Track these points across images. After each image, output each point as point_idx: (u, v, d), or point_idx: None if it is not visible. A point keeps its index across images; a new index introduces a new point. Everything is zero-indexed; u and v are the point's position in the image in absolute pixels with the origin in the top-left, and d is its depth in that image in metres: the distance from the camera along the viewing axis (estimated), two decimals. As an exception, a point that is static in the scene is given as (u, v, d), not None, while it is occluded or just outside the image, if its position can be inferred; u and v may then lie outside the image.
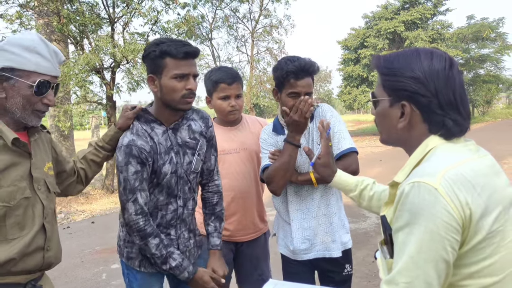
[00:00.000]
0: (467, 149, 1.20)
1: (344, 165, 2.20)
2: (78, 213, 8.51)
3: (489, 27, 26.96)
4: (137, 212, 1.91)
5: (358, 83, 26.84)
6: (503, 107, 36.12)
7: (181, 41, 1.91)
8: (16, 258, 1.60)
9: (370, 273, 4.40)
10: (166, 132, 1.99)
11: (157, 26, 10.71)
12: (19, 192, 1.63)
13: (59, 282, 4.70)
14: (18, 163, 1.64)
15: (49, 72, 1.65)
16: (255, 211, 2.67)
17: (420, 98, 1.19)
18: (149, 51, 1.89)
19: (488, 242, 1.09)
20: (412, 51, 1.26)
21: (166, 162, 1.97)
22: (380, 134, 1.38)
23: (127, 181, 1.90)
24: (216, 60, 21.45)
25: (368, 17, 27.86)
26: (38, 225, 1.69)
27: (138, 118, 2.01)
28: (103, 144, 2.07)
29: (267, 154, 2.32)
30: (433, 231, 1.05)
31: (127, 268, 2.12)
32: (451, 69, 1.20)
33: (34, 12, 9.96)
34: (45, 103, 1.67)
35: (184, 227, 2.13)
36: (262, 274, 2.69)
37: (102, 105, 10.79)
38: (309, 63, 2.19)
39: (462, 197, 1.06)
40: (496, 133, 17.42)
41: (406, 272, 1.08)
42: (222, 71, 2.55)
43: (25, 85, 1.59)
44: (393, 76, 1.24)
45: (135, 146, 1.89)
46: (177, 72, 1.86)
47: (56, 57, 1.68)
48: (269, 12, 20.86)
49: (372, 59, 1.34)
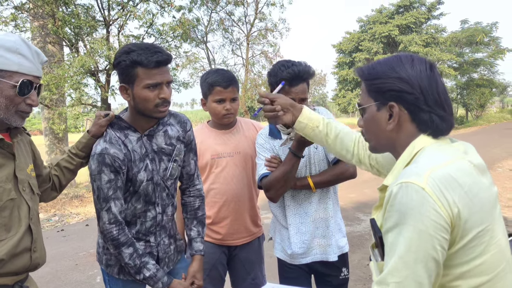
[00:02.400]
0: (454, 149, 1.22)
1: (342, 169, 2.21)
2: (72, 216, 8.48)
3: (483, 31, 27.14)
4: (111, 221, 1.88)
5: (353, 87, 26.97)
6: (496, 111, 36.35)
7: (152, 48, 1.84)
8: (5, 259, 1.61)
9: (365, 276, 4.42)
10: (141, 139, 1.95)
11: (152, 29, 10.73)
12: (5, 193, 1.63)
13: (53, 285, 4.69)
14: (3, 164, 1.64)
15: (32, 72, 1.64)
16: (247, 216, 2.64)
17: (407, 96, 1.22)
18: (119, 60, 1.83)
19: (478, 241, 1.11)
20: (393, 57, 1.30)
21: (141, 170, 1.93)
22: (369, 142, 1.39)
23: (101, 190, 1.86)
24: (211, 63, 21.47)
25: (363, 21, 28.02)
26: (24, 226, 1.69)
27: (111, 125, 1.96)
28: (77, 152, 2.03)
29: (263, 161, 2.30)
30: (422, 231, 1.07)
31: (108, 275, 2.10)
32: (432, 71, 1.25)
33: (29, 15, 9.94)
34: (29, 104, 1.67)
35: (164, 234, 2.09)
36: (256, 278, 2.68)
37: (97, 108, 10.77)
38: (304, 69, 2.16)
39: (449, 196, 1.08)
40: (490, 136, 17.53)
41: (396, 272, 1.09)
42: (218, 73, 2.51)
43: (8, 85, 1.59)
44: (378, 79, 1.27)
45: (108, 155, 1.85)
46: (149, 82, 1.81)
47: (38, 58, 1.69)
48: (264, 16, 20.90)
49: (355, 70, 1.38)
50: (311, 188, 2.23)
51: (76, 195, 10.26)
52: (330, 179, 2.24)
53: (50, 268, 5.09)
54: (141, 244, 2.01)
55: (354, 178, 2.25)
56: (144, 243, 2.02)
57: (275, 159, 2.27)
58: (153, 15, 10.42)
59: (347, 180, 2.25)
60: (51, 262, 5.20)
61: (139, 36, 10.82)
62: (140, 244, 2.00)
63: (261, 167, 2.30)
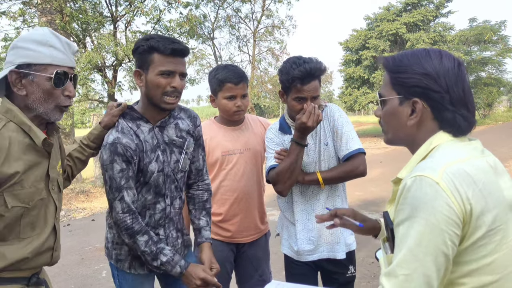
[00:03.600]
0: (471, 147, 1.21)
1: (352, 166, 2.20)
2: (78, 211, 8.53)
3: (491, 29, 26.91)
4: (124, 211, 1.89)
5: (359, 85, 26.82)
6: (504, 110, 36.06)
7: (171, 38, 1.88)
8: (29, 257, 1.63)
9: (370, 273, 4.41)
10: (153, 130, 1.97)
11: (159, 25, 10.74)
12: (37, 193, 1.63)
13: (59, 279, 4.72)
14: (39, 162, 1.64)
15: (65, 63, 1.64)
16: (256, 212, 2.65)
17: (433, 94, 1.21)
18: (138, 45, 1.88)
19: (489, 239, 1.10)
20: (421, 50, 1.27)
21: (153, 160, 1.95)
22: (385, 134, 1.38)
23: (113, 179, 1.87)
24: (217, 60, 21.46)
25: (370, 18, 27.85)
26: (50, 226, 1.71)
27: (123, 115, 1.97)
28: (88, 143, 2.04)
29: (273, 154, 2.30)
30: (433, 225, 1.06)
31: (117, 270, 2.10)
32: (460, 68, 1.23)
33: (37, 10, 9.98)
34: (67, 95, 1.66)
35: (172, 226, 2.10)
36: (263, 275, 2.69)
37: (104, 104, 10.82)
38: (315, 67, 2.13)
39: (463, 191, 1.08)
40: (497, 136, 17.40)
41: (405, 264, 1.08)
42: (228, 70, 2.48)
43: (43, 78, 1.59)
44: (404, 73, 1.25)
45: (120, 144, 1.86)
46: (163, 68, 1.84)
47: (69, 48, 1.68)
48: (271, 13, 20.87)
49: (379, 58, 1.35)
50: (320, 183, 2.22)
51: (82, 190, 10.32)
52: (339, 175, 2.22)
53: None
54: None
55: (364, 176, 2.23)
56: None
57: (285, 151, 2.26)
58: (160, 11, 10.43)
59: (357, 177, 2.23)
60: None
61: (146, 32, 10.82)
62: None
63: (270, 160, 2.31)
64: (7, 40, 9.87)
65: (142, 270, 2.06)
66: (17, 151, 1.56)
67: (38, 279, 1.71)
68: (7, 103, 1.61)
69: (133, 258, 2.04)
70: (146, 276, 2.11)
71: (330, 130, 2.27)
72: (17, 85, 1.59)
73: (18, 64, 1.57)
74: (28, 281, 1.67)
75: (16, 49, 1.59)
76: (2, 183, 1.52)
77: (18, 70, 1.58)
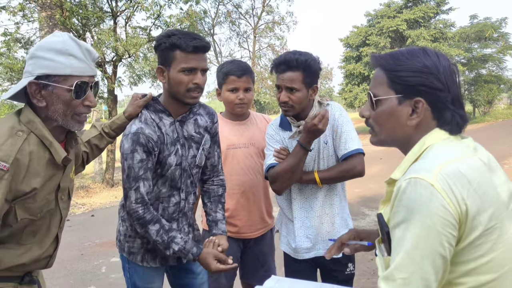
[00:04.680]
0: (464, 145, 1.21)
1: (348, 167, 2.18)
2: (78, 206, 8.54)
3: (492, 27, 26.84)
4: (137, 201, 1.90)
5: (360, 81, 26.80)
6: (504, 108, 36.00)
7: (192, 34, 1.90)
8: (26, 263, 1.63)
9: (369, 270, 4.42)
10: (174, 124, 1.99)
11: (159, 20, 10.72)
12: (47, 205, 1.62)
13: (59, 274, 4.73)
14: (53, 175, 1.62)
15: (85, 73, 1.57)
16: (263, 206, 2.68)
17: (438, 92, 1.19)
18: (160, 42, 1.90)
19: (485, 238, 1.10)
20: (417, 48, 1.26)
21: (172, 153, 1.97)
22: (376, 135, 1.34)
23: (132, 169, 1.89)
24: (217, 56, 21.43)
25: (371, 15, 27.80)
26: (53, 236, 1.71)
27: (147, 107, 2.00)
28: (109, 131, 2.06)
29: (272, 151, 2.30)
30: (429, 227, 1.06)
31: (128, 262, 2.12)
32: (453, 66, 1.23)
33: (37, 5, 9.95)
34: (87, 105, 1.60)
35: (185, 221, 2.13)
36: (268, 270, 2.71)
37: (104, 99, 10.81)
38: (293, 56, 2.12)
39: (458, 192, 1.07)
40: (497, 133, 17.40)
41: (403, 268, 1.08)
42: (233, 63, 2.55)
43: (63, 90, 1.52)
44: (405, 71, 1.22)
45: (143, 134, 1.88)
46: (185, 65, 1.86)
47: (90, 56, 1.61)
48: (271, 9, 20.82)
49: (372, 57, 1.31)
50: (317, 183, 2.22)
51: (82, 186, 10.33)
52: (337, 175, 2.22)
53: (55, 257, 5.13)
54: None
55: (362, 176, 2.22)
56: None
57: (284, 150, 2.26)
58: (160, 7, 10.41)
59: (355, 177, 2.22)
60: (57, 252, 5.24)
61: (146, 28, 10.81)
62: None
63: (269, 157, 2.31)
64: (6, 35, 9.85)
65: (154, 263, 2.09)
66: (36, 167, 1.53)
67: (31, 278, 1.70)
68: (29, 113, 1.55)
69: (146, 251, 2.07)
70: (157, 270, 2.13)
71: (330, 129, 2.25)
72: (36, 96, 1.53)
73: (37, 75, 1.51)
74: (21, 279, 1.66)
75: (35, 59, 1.52)
76: (18, 197, 1.50)
77: (37, 81, 1.51)
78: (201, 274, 2.23)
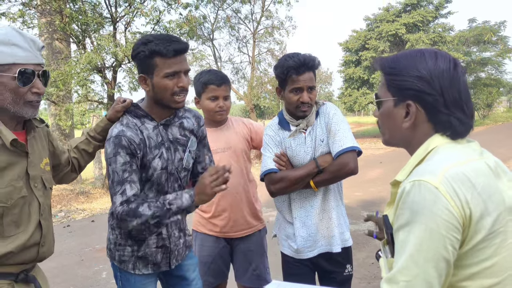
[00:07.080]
0: (470, 149, 1.21)
1: (340, 165, 2.19)
2: (78, 212, 8.52)
3: (491, 30, 26.91)
4: (122, 203, 1.84)
5: (359, 85, 26.82)
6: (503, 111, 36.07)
7: (169, 37, 1.88)
8: (14, 251, 1.63)
9: (370, 274, 4.41)
10: (157, 128, 1.98)
11: (159, 26, 10.72)
12: (16, 192, 1.64)
13: (59, 279, 4.72)
14: (15, 162, 1.65)
15: (30, 61, 1.62)
16: (245, 208, 2.73)
17: (426, 96, 1.20)
18: (138, 51, 1.87)
19: (489, 242, 1.09)
20: (416, 51, 1.27)
21: (156, 157, 1.95)
22: (383, 135, 1.38)
23: (115, 173, 1.86)
24: (217, 61, 21.45)
25: (370, 19, 27.86)
26: (34, 223, 1.71)
27: (128, 112, 1.99)
28: (94, 135, 2.07)
29: (271, 155, 2.32)
30: (433, 230, 1.06)
31: (120, 271, 2.10)
32: (456, 69, 1.21)
33: (37, 11, 9.97)
34: (35, 92, 1.66)
35: (175, 226, 2.11)
36: (257, 269, 2.75)
37: (103, 104, 10.81)
38: (309, 57, 2.23)
39: (462, 195, 1.07)
40: (497, 136, 17.41)
41: (406, 270, 1.08)
42: (211, 73, 2.65)
43: (8, 78, 1.58)
44: (398, 75, 1.25)
45: (125, 137, 1.86)
46: (168, 71, 1.85)
47: (34, 45, 1.66)
48: (270, 13, 20.82)
49: (375, 61, 1.35)
50: (313, 188, 2.26)
51: (82, 191, 10.31)
52: (329, 177, 2.24)
53: (56, 263, 5.13)
54: (154, 237, 2.03)
55: (355, 174, 2.23)
56: (156, 236, 2.04)
57: (284, 156, 2.29)
58: (160, 12, 10.42)
59: (348, 176, 2.22)
60: (57, 257, 5.23)
61: (145, 33, 10.81)
62: (153, 237, 2.02)
63: (269, 160, 2.32)
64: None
65: (146, 270, 2.07)
66: None
67: (26, 276, 1.71)
68: None
69: (137, 259, 2.05)
70: (149, 277, 2.11)
71: (325, 127, 2.30)
72: None
73: None
74: (16, 277, 1.67)
75: None
76: None
77: None
78: (194, 280, 2.22)
